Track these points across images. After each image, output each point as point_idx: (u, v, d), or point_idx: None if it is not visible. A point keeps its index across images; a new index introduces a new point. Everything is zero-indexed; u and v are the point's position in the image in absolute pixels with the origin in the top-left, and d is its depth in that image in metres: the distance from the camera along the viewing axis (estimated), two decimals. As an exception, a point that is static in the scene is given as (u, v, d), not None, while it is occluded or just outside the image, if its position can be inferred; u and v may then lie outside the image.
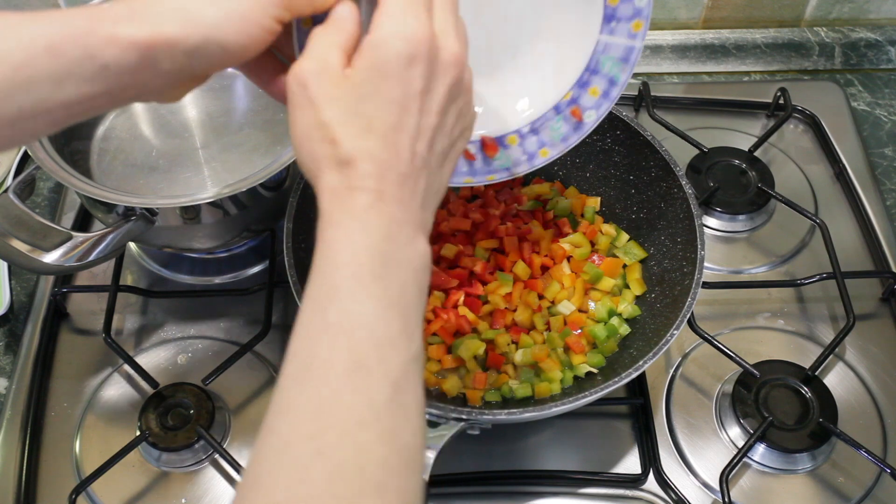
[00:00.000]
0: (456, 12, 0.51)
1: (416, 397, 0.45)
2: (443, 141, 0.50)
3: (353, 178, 0.47)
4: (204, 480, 0.75)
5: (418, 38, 0.47)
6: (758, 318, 0.85)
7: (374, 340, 0.44)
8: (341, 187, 0.47)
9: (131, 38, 0.47)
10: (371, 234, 0.46)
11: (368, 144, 0.47)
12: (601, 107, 0.61)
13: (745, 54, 1.09)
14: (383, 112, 0.47)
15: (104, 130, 0.86)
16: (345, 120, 0.47)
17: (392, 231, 0.47)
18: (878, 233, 0.90)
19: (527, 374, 0.75)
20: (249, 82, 0.90)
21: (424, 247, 0.49)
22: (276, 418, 0.43)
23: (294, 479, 0.41)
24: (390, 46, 0.47)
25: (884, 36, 1.08)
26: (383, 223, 0.47)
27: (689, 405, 0.79)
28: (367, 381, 0.43)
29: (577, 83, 0.61)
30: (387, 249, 0.46)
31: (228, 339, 0.83)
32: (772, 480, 0.75)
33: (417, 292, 0.48)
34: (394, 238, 0.47)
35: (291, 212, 0.74)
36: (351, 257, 0.46)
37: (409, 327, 0.46)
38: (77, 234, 0.71)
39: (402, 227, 0.48)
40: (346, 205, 0.47)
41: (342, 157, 0.47)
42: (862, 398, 0.79)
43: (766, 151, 0.98)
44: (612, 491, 0.74)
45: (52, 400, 0.80)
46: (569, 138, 0.62)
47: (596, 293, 0.80)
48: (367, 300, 0.45)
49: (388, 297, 0.45)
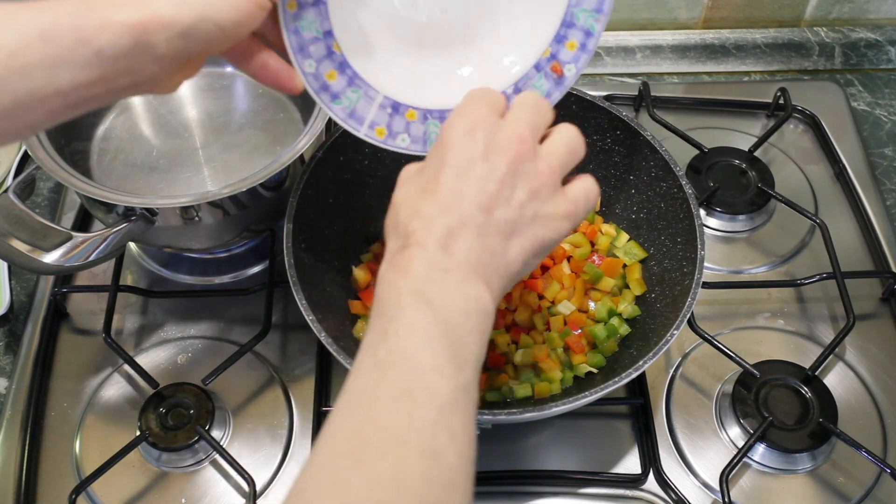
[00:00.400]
0: (532, 115, 0.54)
1: (464, 423, 0.45)
2: (506, 211, 0.51)
3: (405, 238, 0.50)
4: (204, 480, 0.75)
5: (477, 115, 0.52)
6: (758, 318, 0.85)
7: (419, 370, 0.45)
8: (395, 248, 0.51)
9: (125, 22, 0.47)
10: (413, 280, 0.48)
11: (426, 203, 0.50)
12: (580, 60, 0.62)
13: (745, 54, 1.09)
14: (440, 176, 0.51)
15: (104, 130, 0.86)
16: (411, 183, 0.53)
17: (434, 276, 0.48)
18: (878, 233, 0.90)
19: (527, 374, 0.75)
20: (249, 82, 0.91)
21: (478, 293, 0.49)
22: (320, 443, 0.45)
23: (334, 489, 0.41)
24: (452, 122, 0.53)
25: (884, 36, 1.08)
26: (425, 268, 0.48)
27: (689, 405, 0.79)
28: (411, 406, 0.44)
29: (554, 38, 0.62)
30: (430, 291, 0.48)
31: (228, 339, 0.83)
32: (772, 480, 0.75)
33: (469, 332, 0.48)
34: (437, 282, 0.48)
35: (291, 212, 0.74)
36: (395, 301, 0.48)
37: (459, 358, 0.47)
38: (77, 234, 0.71)
39: (448, 273, 0.49)
40: (395, 262, 0.50)
41: (402, 217, 0.51)
42: (862, 398, 0.79)
43: (766, 151, 0.98)
44: (612, 491, 0.74)
45: (52, 400, 0.80)
46: (552, 94, 0.62)
47: (596, 293, 0.80)
48: (412, 335, 0.46)
49: (436, 331, 0.46)
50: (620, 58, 1.08)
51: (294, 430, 0.77)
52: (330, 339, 0.67)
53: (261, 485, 0.74)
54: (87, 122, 0.85)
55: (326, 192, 0.79)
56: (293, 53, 0.59)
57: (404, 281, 0.48)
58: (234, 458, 0.73)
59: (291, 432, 0.77)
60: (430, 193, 0.51)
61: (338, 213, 0.81)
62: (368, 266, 0.81)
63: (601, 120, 0.82)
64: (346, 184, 0.82)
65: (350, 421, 0.44)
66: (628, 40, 1.07)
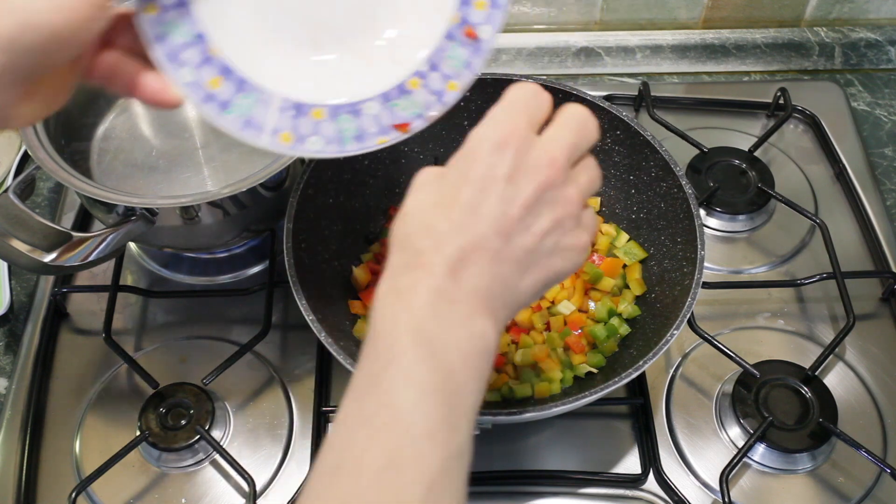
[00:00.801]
0: (574, 136, 0.50)
1: (454, 494, 0.41)
2: (524, 238, 0.47)
3: (412, 256, 0.46)
4: (204, 480, 0.75)
5: (510, 129, 0.47)
6: (758, 318, 0.85)
7: (410, 435, 0.41)
8: (400, 265, 0.46)
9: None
10: (415, 313, 0.44)
11: (435, 217, 0.46)
12: (494, 18, 0.57)
13: (745, 54, 1.09)
14: (459, 190, 0.47)
15: (104, 130, 0.86)
16: (425, 192, 0.48)
17: (440, 309, 0.44)
18: (878, 233, 0.90)
19: (527, 374, 0.75)
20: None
21: (483, 329, 0.45)
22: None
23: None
24: (481, 132, 0.48)
25: (884, 36, 1.08)
26: (429, 298, 0.44)
27: (689, 405, 0.79)
28: (398, 481, 0.40)
29: (461, 1, 0.57)
30: (432, 329, 0.43)
31: (228, 339, 0.83)
32: (772, 480, 0.75)
33: (468, 378, 0.44)
34: (441, 316, 0.44)
35: (291, 212, 0.74)
36: (392, 340, 0.43)
37: (455, 416, 0.42)
38: (77, 234, 0.71)
39: (454, 304, 0.44)
40: (396, 282, 0.45)
41: (407, 230, 0.47)
42: (862, 398, 0.79)
43: (766, 151, 0.98)
44: (612, 491, 0.74)
45: (52, 400, 0.80)
46: (472, 63, 0.57)
47: (596, 293, 0.80)
48: (407, 388, 0.42)
49: (433, 381, 0.42)
50: (620, 58, 1.08)
51: (294, 430, 0.77)
52: (330, 339, 0.67)
53: (261, 485, 0.74)
54: (87, 122, 0.85)
55: (326, 192, 0.79)
56: (164, 63, 0.51)
57: (405, 314, 0.43)
58: (234, 458, 0.73)
59: (291, 432, 0.77)
60: (446, 208, 0.46)
61: (338, 213, 0.81)
62: (368, 266, 0.81)
63: (601, 120, 0.82)
64: (346, 184, 0.82)
65: (332, 490, 0.41)
66: (628, 40, 1.07)
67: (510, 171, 0.47)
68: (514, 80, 0.82)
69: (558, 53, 1.07)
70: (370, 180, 0.84)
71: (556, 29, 1.07)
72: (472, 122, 0.85)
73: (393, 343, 0.43)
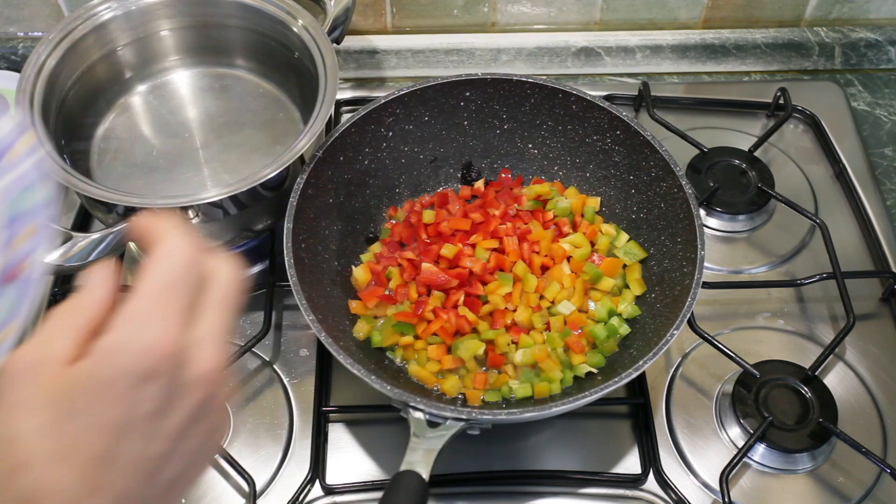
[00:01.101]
0: (228, 316, 0.42)
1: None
2: (174, 467, 0.40)
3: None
4: (204, 480, 0.74)
5: (160, 351, 0.37)
6: (758, 318, 0.85)
7: None
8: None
9: None
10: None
11: (61, 475, 0.36)
12: (39, 245, 0.44)
13: (745, 54, 1.09)
14: (91, 436, 0.37)
15: (104, 130, 0.86)
16: (44, 437, 0.36)
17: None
18: (878, 233, 0.90)
19: (527, 374, 0.75)
20: (249, 82, 0.91)
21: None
22: None
23: None
24: (121, 358, 0.37)
25: (884, 36, 1.08)
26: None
27: (689, 405, 0.79)
28: None
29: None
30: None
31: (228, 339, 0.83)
32: (772, 480, 0.75)
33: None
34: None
35: (291, 212, 0.74)
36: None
37: None
38: (77, 234, 0.71)
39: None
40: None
41: (25, 488, 0.36)
42: (862, 398, 0.79)
43: (766, 151, 0.98)
44: (612, 491, 0.74)
45: (52, 400, 0.80)
46: (22, 303, 0.43)
47: (596, 293, 0.80)
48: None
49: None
50: (620, 58, 1.08)
51: (294, 430, 0.77)
52: (330, 339, 0.67)
53: (261, 485, 0.74)
54: (87, 123, 0.86)
55: (326, 192, 0.79)
56: None
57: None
58: (234, 458, 0.73)
59: (291, 432, 0.77)
60: (71, 459, 0.36)
61: (338, 213, 0.81)
62: (368, 266, 0.81)
63: (601, 120, 0.82)
64: (346, 184, 0.82)
65: None
66: (628, 40, 1.07)
67: (158, 406, 0.38)
68: (513, 80, 0.83)
69: (558, 53, 1.07)
70: (370, 180, 0.84)
71: (556, 29, 1.07)
72: (472, 121, 0.87)
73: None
